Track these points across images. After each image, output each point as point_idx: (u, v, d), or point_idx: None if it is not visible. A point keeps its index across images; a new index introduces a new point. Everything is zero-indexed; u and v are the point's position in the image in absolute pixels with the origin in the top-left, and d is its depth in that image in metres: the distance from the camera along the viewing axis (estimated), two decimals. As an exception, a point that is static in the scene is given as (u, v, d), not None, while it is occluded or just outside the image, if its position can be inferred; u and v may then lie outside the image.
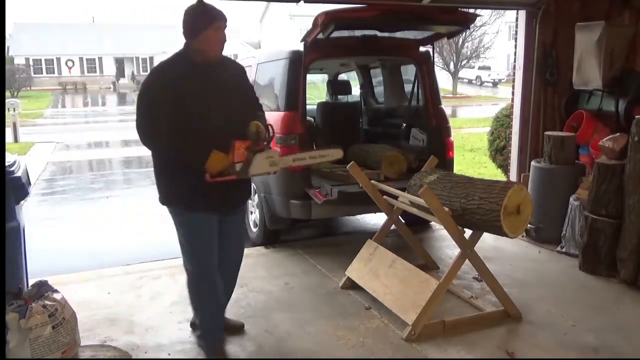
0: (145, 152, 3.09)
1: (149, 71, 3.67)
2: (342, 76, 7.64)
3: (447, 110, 5.71)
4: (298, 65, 4.96)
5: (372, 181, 4.22)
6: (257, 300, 4.04)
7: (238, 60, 7.31)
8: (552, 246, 5.08)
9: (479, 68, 40.77)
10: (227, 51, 3.05)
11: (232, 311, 3.84)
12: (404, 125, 5.88)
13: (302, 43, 4.89)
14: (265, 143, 2.94)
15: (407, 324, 3.41)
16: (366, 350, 3.28)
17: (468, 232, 3.58)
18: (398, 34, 5.16)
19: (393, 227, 4.35)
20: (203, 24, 2.86)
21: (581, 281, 4.37)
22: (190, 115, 2.83)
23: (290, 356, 3.25)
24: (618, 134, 4.65)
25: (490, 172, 8.73)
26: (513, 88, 6.32)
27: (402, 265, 3.79)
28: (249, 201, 5.64)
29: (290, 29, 43.43)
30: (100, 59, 49.44)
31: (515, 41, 6.23)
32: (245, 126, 2.91)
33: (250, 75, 6.01)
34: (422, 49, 5.58)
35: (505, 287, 3.75)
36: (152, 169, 3.05)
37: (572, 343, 3.34)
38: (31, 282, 3.23)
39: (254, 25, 58.03)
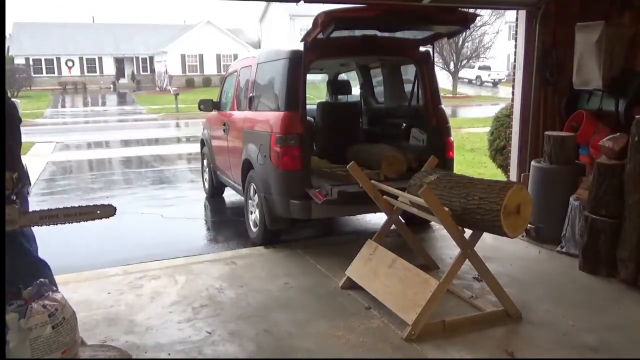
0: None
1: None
2: (342, 76, 7.64)
3: (447, 110, 5.71)
4: (298, 65, 4.95)
5: (372, 181, 4.22)
6: (256, 300, 4.04)
7: (238, 60, 7.30)
8: (552, 246, 5.08)
9: (479, 68, 40.82)
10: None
11: (231, 311, 3.85)
12: (404, 125, 5.88)
13: (302, 43, 4.89)
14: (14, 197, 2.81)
15: (407, 324, 3.41)
16: (366, 350, 3.28)
17: (468, 232, 3.58)
18: (398, 34, 5.15)
19: (393, 227, 4.36)
20: None
21: (581, 281, 4.36)
22: None
23: (290, 356, 3.25)
24: (618, 134, 4.65)
25: (490, 172, 8.72)
26: (513, 88, 6.32)
27: (402, 265, 3.79)
28: (249, 201, 5.64)
29: (290, 29, 43.44)
30: (100, 59, 49.46)
31: (515, 41, 6.23)
32: None
33: (250, 75, 6.01)
34: (422, 49, 5.58)
35: (505, 287, 3.75)
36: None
37: (572, 343, 3.34)
38: (31, 282, 3.22)
39: (254, 25, 58.03)
